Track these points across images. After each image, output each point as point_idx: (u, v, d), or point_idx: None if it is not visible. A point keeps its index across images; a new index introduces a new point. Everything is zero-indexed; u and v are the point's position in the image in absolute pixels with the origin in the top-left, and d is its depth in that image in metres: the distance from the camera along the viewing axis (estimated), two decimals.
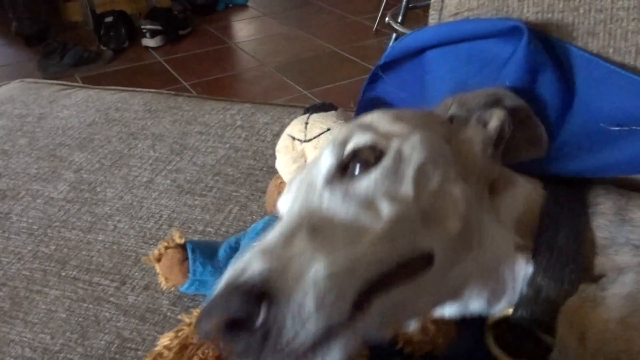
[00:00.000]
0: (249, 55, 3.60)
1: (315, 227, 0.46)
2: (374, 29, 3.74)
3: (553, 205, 0.60)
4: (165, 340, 0.56)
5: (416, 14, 2.78)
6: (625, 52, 0.65)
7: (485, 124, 0.61)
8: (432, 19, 0.75)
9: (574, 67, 0.69)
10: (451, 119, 0.62)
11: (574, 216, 0.59)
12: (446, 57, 0.74)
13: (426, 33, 0.73)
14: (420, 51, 0.76)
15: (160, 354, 0.54)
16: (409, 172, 0.52)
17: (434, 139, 0.56)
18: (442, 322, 0.55)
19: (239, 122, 1.18)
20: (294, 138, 0.80)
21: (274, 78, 3.21)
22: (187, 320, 0.59)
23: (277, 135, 1.13)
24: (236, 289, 0.38)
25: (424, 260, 0.49)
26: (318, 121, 0.79)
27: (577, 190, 0.63)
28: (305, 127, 0.80)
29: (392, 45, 0.76)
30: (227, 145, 1.09)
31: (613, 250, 0.57)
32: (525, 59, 0.66)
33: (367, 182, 0.51)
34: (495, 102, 0.62)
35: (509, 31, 0.67)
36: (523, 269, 0.57)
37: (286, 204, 0.59)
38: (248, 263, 0.41)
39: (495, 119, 0.60)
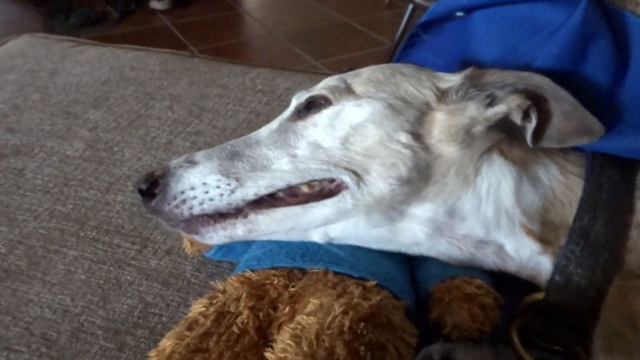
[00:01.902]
0: (258, 23, 3.52)
1: (237, 152, 0.61)
2: (386, 1, 3.66)
3: (594, 189, 0.57)
4: (199, 306, 0.53)
5: None
6: None
7: (491, 104, 0.58)
8: None
9: (630, 37, 0.65)
10: (459, 88, 0.60)
11: (616, 200, 0.56)
12: (494, 20, 0.70)
13: None
14: (466, 11, 0.71)
15: (196, 321, 0.51)
16: (344, 126, 0.58)
17: (389, 105, 0.59)
18: (489, 309, 0.52)
19: (259, 87, 1.13)
20: None
21: (284, 47, 3.15)
22: (220, 287, 0.56)
23: None
24: (150, 173, 0.61)
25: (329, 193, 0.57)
26: None
27: (626, 170, 0.60)
28: None
29: (438, 2, 0.72)
30: (248, 110, 1.05)
31: None
32: (581, 25, 0.61)
33: (302, 124, 0.61)
34: (526, 89, 0.58)
35: None
36: (531, 253, 0.57)
37: None
38: (174, 159, 0.62)
39: (504, 104, 0.57)
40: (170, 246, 0.75)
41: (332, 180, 0.57)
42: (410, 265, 0.62)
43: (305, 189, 0.58)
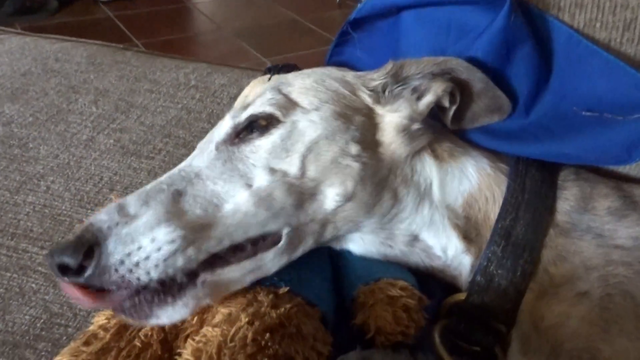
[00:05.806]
0: (206, 18, 3.44)
1: (181, 191, 0.50)
2: (337, 1, 3.65)
3: (517, 190, 0.58)
4: (101, 319, 0.49)
5: None
6: (612, 27, 0.62)
7: (420, 97, 0.59)
8: None
9: (554, 42, 0.65)
10: (384, 87, 0.60)
11: (538, 201, 0.57)
12: (423, 22, 0.69)
13: None
14: (396, 10, 0.70)
15: (95, 335, 0.47)
16: (299, 147, 0.53)
17: (339, 114, 0.56)
18: (413, 311, 0.51)
19: (193, 82, 1.09)
20: None
21: (232, 43, 3.08)
22: None
23: (234, 99, 1.06)
24: (75, 240, 0.44)
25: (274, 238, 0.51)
26: None
27: (548, 171, 0.61)
28: None
29: (365, 1, 0.70)
30: (180, 106, 1.01)
31: (577, 234, 0.56)
32: (503, 31, 0.61)
33: (252, 150, 0.52)
34: (443, 72, 0.59)
35: None
36: (455, 251, 0.57)
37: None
38: (101, 215, 0.47)
39: (431, 93, 0.58)
40: None
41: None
42: (334, 265, 0.61)
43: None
